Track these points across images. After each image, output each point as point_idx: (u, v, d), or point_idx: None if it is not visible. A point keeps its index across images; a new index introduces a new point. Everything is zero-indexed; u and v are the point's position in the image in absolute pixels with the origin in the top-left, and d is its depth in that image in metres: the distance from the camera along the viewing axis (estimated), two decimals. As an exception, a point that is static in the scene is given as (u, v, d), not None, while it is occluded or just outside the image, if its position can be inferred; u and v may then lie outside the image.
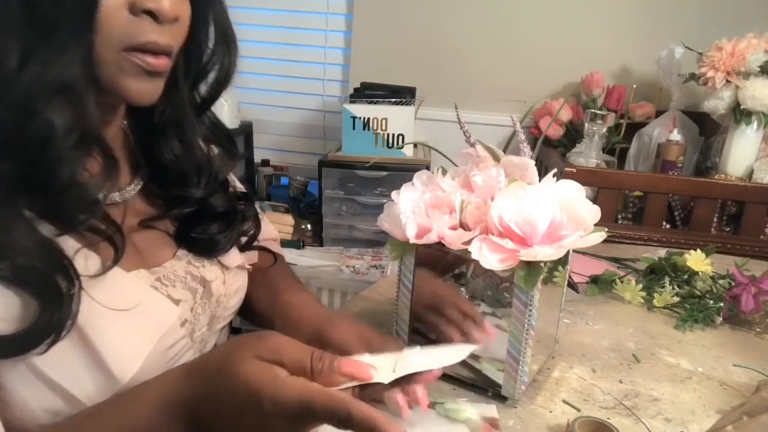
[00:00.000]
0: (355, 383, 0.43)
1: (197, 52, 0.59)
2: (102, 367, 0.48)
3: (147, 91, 0.51)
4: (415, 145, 1.78)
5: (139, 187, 0.60)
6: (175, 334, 0.56)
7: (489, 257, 0.57)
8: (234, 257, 0.67)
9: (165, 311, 0.55)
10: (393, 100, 1.71)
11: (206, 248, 0.63)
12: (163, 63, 0.51)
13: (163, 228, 0.61)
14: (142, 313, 0.52)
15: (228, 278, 0.66)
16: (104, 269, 0.49)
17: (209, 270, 0.63)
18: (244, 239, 0.69)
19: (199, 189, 0.62)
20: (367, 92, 1.78)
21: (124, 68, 0.49)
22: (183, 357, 0.57)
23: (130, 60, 0.48)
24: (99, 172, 0.50)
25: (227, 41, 0.60)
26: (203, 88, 0.62)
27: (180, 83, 0.59)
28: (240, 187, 0.73)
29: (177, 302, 0.57)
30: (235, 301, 0.68)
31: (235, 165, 0.69)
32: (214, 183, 0.64)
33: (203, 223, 0.63)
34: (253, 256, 0.73)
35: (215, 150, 0.66)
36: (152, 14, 0.48)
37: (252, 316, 0.74)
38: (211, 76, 0.61)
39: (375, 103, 1.70)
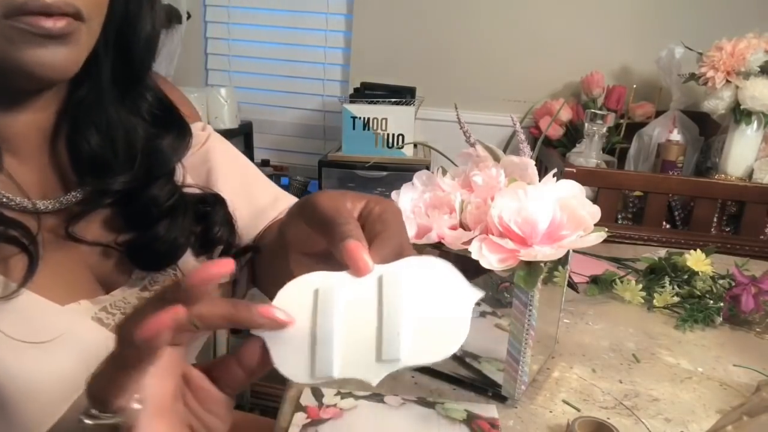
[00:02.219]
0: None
1: (111, 11, 0.50)
2: (15, 418, 0.42)
3: (49, 60, 0.43)
4: (415, 145, 1.78)
5: (78, 195, 0.52)
6: None
7: (489, 257, 0.57)
8: None
9: (105, 349, 0.47)
10: (393, 100, 1.71)
11: (156, 254, 0.55)
12: (61, 24, 0.42)
13: (107, 241, 0.54)
14: (75, 354, 0.45)
15: None
16: (12, 288, 0.42)
17: None
18: (218, 250, 0.61)
19: (122, 178, 0.53)
20: (367, 92, 1.78)
21: (12, 38, 0.41)
22: None
23: (16, 27, 0.41)
24: None
25: None
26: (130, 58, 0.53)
27: (100, 57, 0.51)
28: (209, 189, 0.63)
29: None
30: None
31: (187, 147, 0.59)
32: (151, 172, 0.55)
33: (146, 226, 0.55)
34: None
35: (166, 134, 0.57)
36: None
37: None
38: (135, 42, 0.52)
39: (375, 103, 1.70)
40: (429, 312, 0.33)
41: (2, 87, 0.45)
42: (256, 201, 0.69)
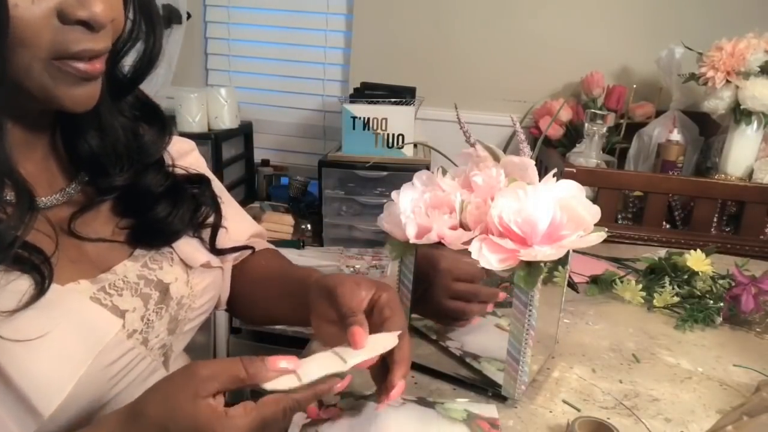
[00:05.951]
0: (290, 384, 0.46)
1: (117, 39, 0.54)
2: (23, 403, 0.45)
3: (83, 97, 0.49)
4: (415, 145, 1.78)
5: (79, 186, 0.58)
6: (120, 347, 0.52)
7: (489, 257, 0.57)
8: (197, 255, 0.64)
9: (103, 326, 0.51)
10: (393, 100, 1.70)
11: (158, 233, 0.61)
12: (98, 67, 0.48)
13: (110, 232, 0.58)
14: (74, 332, 0.48)
15: (192, 278, 0.63)
16: (23, 303, 0.46)
17: (168, 272, 0.60)
18: (207, 233, 0.66)
19: (122, 175, 0.59)
20: (367, 92, 1.78)
21: (56, 77, 0.46)
22: (135, 369, 0.55)
23: (61, 69, 0.45)
24: (12, 212, 0.46)
25: (150, 19, 0.55)
26: (124, 69, 0.58)
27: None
28: (194, 170, 0.69)
29: (123, 313, 0.54)
30: (204, 301, 0.65)
31: (168, 140, 0.64)
32: (143, 165, 0.61)
33: (146, 210, 0.60)
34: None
35: (146, 128, 0.63)
36: (85, 23, 0.44)
37: (270, 318, 0.75)
38: (134, 57, 0.57)
39: (375, 103, 1.70)
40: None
41: (24, 105, 0.49)
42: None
